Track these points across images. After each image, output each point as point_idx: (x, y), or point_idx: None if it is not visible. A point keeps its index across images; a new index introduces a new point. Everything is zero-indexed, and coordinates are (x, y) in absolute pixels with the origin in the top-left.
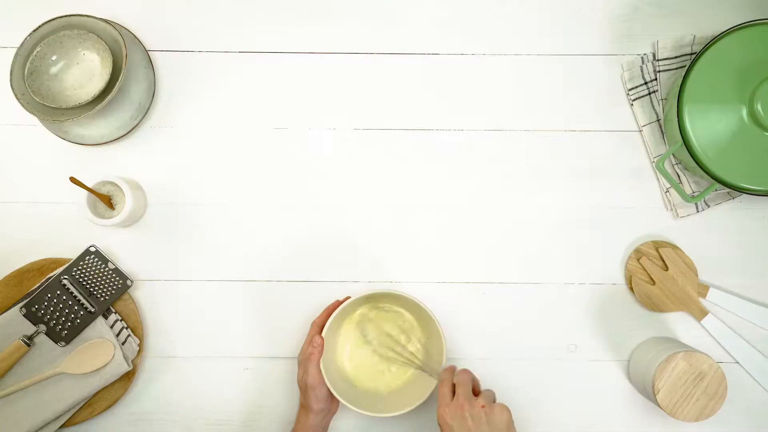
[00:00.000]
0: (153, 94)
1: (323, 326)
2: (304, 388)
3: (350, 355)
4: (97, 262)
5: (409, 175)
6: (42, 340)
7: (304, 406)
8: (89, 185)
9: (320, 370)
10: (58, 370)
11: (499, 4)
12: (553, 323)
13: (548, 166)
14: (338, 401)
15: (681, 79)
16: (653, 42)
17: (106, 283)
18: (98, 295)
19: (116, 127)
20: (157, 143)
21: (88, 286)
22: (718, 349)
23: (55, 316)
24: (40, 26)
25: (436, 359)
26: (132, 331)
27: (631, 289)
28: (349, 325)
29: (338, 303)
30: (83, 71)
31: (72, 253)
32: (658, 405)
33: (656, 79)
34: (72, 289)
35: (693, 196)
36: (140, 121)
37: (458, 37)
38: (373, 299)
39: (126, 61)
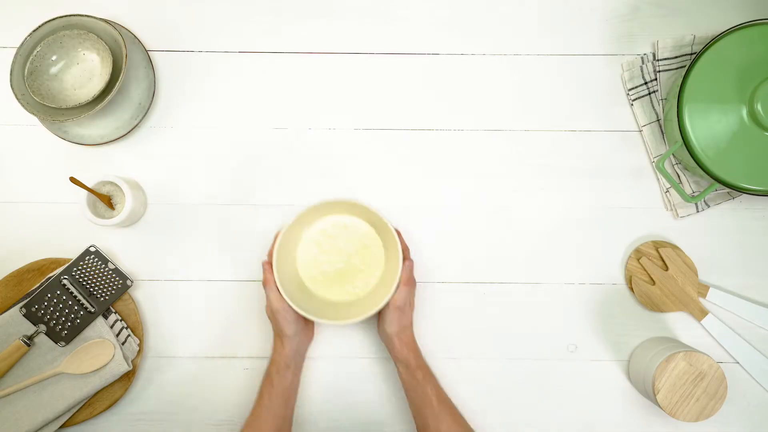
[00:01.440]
0: (153, 94)
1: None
2: (271, 316)
3: (310, 271)
4: (97, 262)
5: (409, 174)
6: (42, 340)
7: (278, 335)
8: (89, 185)
9: (279, 292)
10: (58, 370)
11: (499, 4)
12: (553, 323)
13: (548, 166)
14: (313, 329)
15: (681, 79)
16: (653, 42)
17: (106, 283)
18: (98, 295)
19: (116, 127)
20: (157, 143)
21: (88, 286)
22: (718, 349)
23: (55, 316)
24: (40, 26)
25: (394, 266)
26: (132, 331)
27: (631, 289)
28: (308, 241)
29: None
30: (83, 71)
31: (72, 253)
32: (658, 405)
33: (656, 79)
34: (72, 289)
35: (693, 196)
36: (140, 121)
37: (458, 37)
38: (328, 209)
39: (126, 61)
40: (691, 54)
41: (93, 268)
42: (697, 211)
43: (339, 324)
